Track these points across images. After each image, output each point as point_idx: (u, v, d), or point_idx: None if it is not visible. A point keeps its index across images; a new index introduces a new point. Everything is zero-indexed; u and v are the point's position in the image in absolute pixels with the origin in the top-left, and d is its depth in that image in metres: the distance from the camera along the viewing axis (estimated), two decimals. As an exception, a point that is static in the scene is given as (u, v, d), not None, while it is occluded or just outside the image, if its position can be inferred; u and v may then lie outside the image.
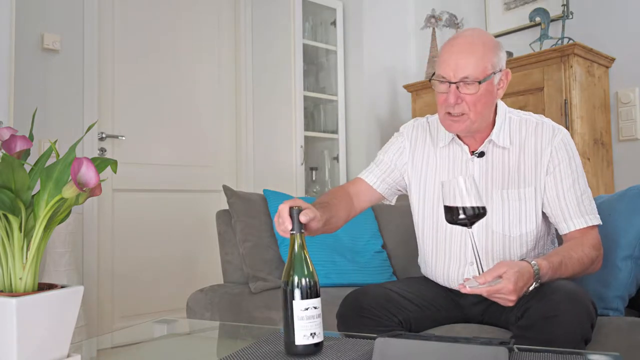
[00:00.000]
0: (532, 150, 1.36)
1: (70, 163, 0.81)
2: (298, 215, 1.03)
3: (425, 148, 1.49)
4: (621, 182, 2.51)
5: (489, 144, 1.39)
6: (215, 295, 2.03)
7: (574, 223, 1.31)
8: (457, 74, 1.29)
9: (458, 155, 1.43)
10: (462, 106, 1.31)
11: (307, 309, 0.97)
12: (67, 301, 0.83)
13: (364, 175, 1.53)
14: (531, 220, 1.35)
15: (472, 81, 1.29)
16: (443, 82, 1.32)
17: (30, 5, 2.60)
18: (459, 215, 1.09)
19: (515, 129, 1.39)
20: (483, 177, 1.39)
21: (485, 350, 0.85)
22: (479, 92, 1.30)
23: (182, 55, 3.20)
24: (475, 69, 1.29)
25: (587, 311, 1.13)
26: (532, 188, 1.34)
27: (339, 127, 3.40)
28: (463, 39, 1.34)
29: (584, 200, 1.33)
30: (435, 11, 3.21)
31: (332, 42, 3.44)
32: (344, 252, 2.01)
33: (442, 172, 1.45)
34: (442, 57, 1.35)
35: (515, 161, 1.37)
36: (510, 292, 1.07)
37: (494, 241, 1.37)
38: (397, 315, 1.32)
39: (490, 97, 1.34)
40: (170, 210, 3.08)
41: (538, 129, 1.37)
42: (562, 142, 1.34)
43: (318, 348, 0.98)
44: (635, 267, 1.42)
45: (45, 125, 2.58)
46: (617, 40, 2.59)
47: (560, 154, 1.34)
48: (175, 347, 1.30)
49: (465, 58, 1.29)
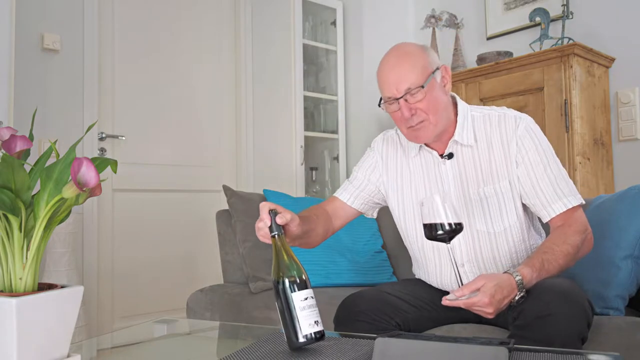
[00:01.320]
0: (498, 144, 1.37)
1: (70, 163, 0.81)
2: (275, 217, 1.09)
3: (398, 160, 1.51)
4: (621, 182, 2.51)
5: (454, 145, 1.40)
6: (215, 295, 2.03)
7: (554, 208, 1.31)
8: (399, 88, 1.32)
9: (429, 161, 1.44)
10: (419, 115, 1.32)
11: (306, 298, 0.99)
12: (67, 301, 0.83)
13: (338, 194, 1.56)
14: (512, 213, 1.36)
15: (416, 89, 1.30)
16: (392, 103, 1.35)
17: (30, 5, 2.60)
18: (437, 231, 1.14)
19: (479, 126, 1.40)
20: (457, 177, 1.39)
21: (485, 350, 0.85)
22: (427, 96, 1.31)
23: (182, 55, 3.20)
24: (413, 77, 1.31)
25: (582, 309, 1.13)
26: (507, 181, 1.35)
27: (339, 127, 3.40)
28: (390, 56, 1.38)
29: (559, 183, 1.32)
30: (435, 11, 3.21)
31: (332, 42, 3.44)
32: (344, 252, 2.01)
33: (417, 180, 1.46)
34: (380, 81, 1.38)
35: (485, 158, 1.37)
36: (486, 304, 1.11)
37: (480, 240, 1.37)
38: (395, 318, 1.32)
39: (440, 96, 1.35)
40: (170, 210, 3.08)
41: (501, 121, 1.38)
42: (525, 130, 1.35)
43: (322, 335, 1.00)
44: (635, 267, 1.42)
45: (45, 125, 2.58)
46: (617, 40, 2.59)
47: (526, 143, 1.34)
48: (175, 347, 1.30)
49: (399, 72, 1.32)
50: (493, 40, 3.09)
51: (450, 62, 3.15)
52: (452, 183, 1.40)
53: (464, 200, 1.38)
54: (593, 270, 1.45)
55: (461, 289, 1.13)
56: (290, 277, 1.00)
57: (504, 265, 1.37)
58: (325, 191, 3.43)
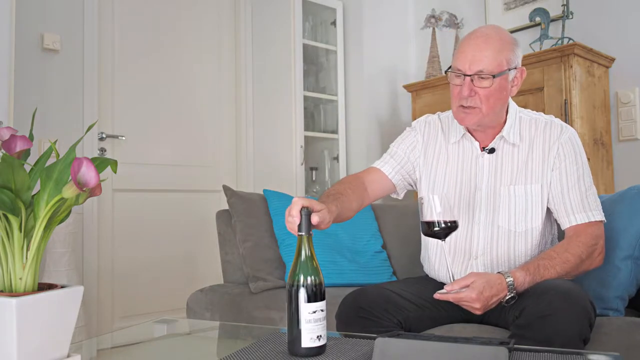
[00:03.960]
0: (540, 147, 1.39)
1: (70, 163, 0.81)
2: (308, 217, 1.02)
3: (437, 144, 1.51)
4: (621, 182, 2.51)
5: (499, 141, 1.41)
6: (215, 295, 2.03)
7: (576, 218, 1.33)
8: (472, 67, 1.32)
9: (468, 151, 1.45)
10: (475, 99, 1.33)
11: (314, 312, 0.97)
12: (67, 301, 0.83)
13: (379, 165, 1.54)
14: (537, 216, 1.37)
15: (487, 75, 1.31)
16: (458, 76, 1.35)
17: (30, 5, 2.60)
18: (434, 228, 1.23)
19: (525, 127, 1.42)
20: (492, 173, 1.41)
21: (485, 350, 0.85)
22: (493, 87, 1.32)
23: (182, 55, 3.20)
24: (490, 63, 1.31)
25: (584, 310, 1.13)
26: (539, 185, 1.37)
27: (339, 127, 3.40)
28: (481, 33, 1.36)
29: (588, 196, 1.35)
30: (435, 11, 3.21)
31: (332, 42, 3.44)
32: (344, 252, 2.01)
33: (452, 167, 1.47)
34: (459, 50, 1.37)
35: (523, 158, 1.39)
36: (474, 300, 1.16)
37: (499, 236, 1.39)
38: (397, 316, 1.32)
39: (504, 93, 1.36)
40: (170, 210, 3.08)
41: (547, 127, 1.40)
42: (569, 139, 1.37)
43: (322, 349, 0.99)
44: (635, 267, 1.42)
45: (45, 125, 2.58)
46: (617, 40, 2.59)
47: (567, 150, 1.36)
48: (175, 347, 1.30)
49: (481, 52, 1.32)
50: (493, 40, 3.08)
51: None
52: (486, 177, 1.41)
53: (493, 194, 1.39)
54: (593, 271, 1.44)
55: (452, 284, 1.18)
56: (305, 285, 0.98)
57: (516, 265, 1.38)
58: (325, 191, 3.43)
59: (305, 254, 1.00)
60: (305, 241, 1.01)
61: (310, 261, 1.00)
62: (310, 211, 1.04)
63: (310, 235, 1.02)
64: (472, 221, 1.41)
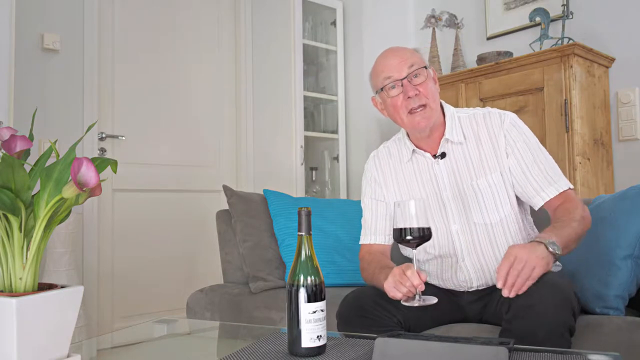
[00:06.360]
0: (486, 138, 1.42)
1: (70, 163, 0.81)
2: (308, 217, 1.03)
3: (392, 169, 1.54)
4: (621, 182, 2.51)
5: (446, 144, 1.44)
6: (215, 295, 2.03)
7: (547, 193, 1.36)
8: (402, 68, 1.38)
9: (423, 163, 1.48)
10: (420, 97, 1.38)
11: (314, 312, 0.98)
12: (67, 301, 0.83)
13: (370, 240, 1.52)
14: (506, 203, 1.40)
15: (420, 68, 1.38)
16: (393, 86, 1.39)
17: (30, 5, 2.60)
18: (406, 236, 1.18)
19: (466, 125, 1.45)
20: (451, 175, 1.44)
21: (485, 350, 0.85)
22: (428, 79, 1.38)
23: (182, 55, 3.20)
24: (414, 59, 1.39)
25: (566, 298, 1.14)
26: (498, 173, 1.40)
27: (339, 127, 3.40)
28: (388, 49, 1.46)
29: (547, 171, 1.37)
30: (435, 11, 3.21)
31: (332, 42, 3.44)
32: (344, 252, 2.01)
33: (413, 184, 1.49)
34: (379, 69, 1.43)
35: (475, 153, 1.42)
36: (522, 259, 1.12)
37: (478, 233, 1.41)
38: (397, 315, 1.33)
39: (436, 85, 1.44)
40: (170, 210, 3.08)
41: (486, 118, 1.44)
42: (511, 124, 1.41)
43: (322, 349, 0.99)
44: (635, 267, 1.42)
45: (45, 125, 2.58)
46: (617, 40, 2.59)
47: (514, 135, 1.40)
48: (175, 347, 1.30)
49: (401, 55, 1.40)
50: (493, 40, 3.09)
51: (450, 62, 3.15)
52: (447, 181, 1.44)
53: (459, 195, 1.42)
54: (593, 270, 1.45)
55: (499, 273, 1.14)
56: (305, 285, 0.98)
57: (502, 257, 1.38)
58: (325, 191, 3.43)
59: (305, 254, 1.01)
60: (305, 241, 1.02)
61: (310, 261, 1.01)
62: (310, 211, 1.05)
63: (310, 235, 1.03)
64: (449, 225, 1.43)
